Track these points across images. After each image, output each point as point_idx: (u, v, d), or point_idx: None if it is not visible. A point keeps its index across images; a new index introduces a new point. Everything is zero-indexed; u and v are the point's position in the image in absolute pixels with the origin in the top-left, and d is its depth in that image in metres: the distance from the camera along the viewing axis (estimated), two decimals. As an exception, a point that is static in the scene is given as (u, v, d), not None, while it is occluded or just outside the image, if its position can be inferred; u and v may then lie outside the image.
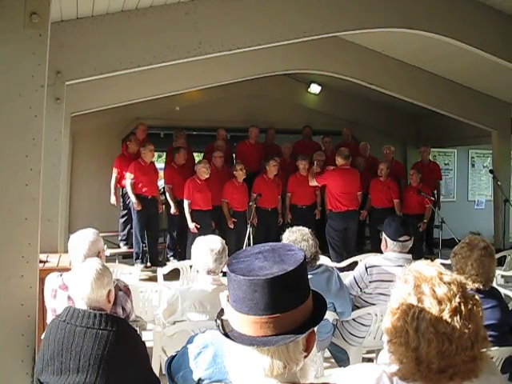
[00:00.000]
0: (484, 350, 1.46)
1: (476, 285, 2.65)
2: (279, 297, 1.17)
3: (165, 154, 10.01)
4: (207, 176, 7.42)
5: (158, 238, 8.13)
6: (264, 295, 1.16)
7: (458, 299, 1.43)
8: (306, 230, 3.43)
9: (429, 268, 1.52)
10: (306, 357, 1.22)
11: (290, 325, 1.18)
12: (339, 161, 7.42)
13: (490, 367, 1.55)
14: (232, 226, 7.64)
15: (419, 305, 1.44)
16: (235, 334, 1.20)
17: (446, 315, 1.41)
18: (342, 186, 7.35)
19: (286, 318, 1.18)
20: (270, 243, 1.32)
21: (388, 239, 3.79)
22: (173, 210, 7.77)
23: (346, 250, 7.32)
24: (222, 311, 1.28)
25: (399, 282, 1.53)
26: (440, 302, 1.42)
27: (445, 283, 1.46)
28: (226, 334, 1.22)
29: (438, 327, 1.40)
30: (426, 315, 1.42)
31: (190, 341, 2.13)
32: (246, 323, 1.19)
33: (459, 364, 1.40)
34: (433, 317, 1.41)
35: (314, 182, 7.64)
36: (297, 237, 3.36)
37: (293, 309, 1.19)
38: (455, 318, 1.41)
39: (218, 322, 1.26)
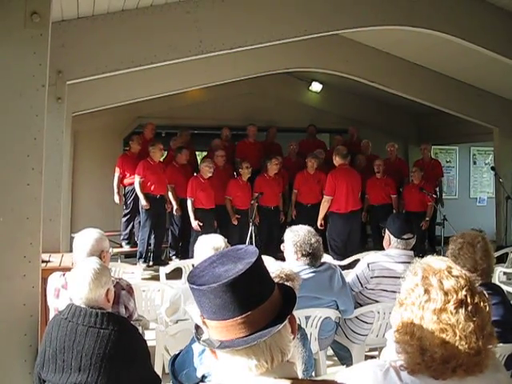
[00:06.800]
0: (490, 346, 1.48)
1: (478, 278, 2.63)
2: (259, 286, 1.17)
3: (167, 153, 9.99)
4: (210, 175, 7.42)
5: (163, 237, 8.09)
6: (246, 290, 1.15)
7: (464, 292, 1.45)
8: (308, 228, 3.42)
9: (438, 261, 1.55)
10: (293, 338, 1.21)
11: (272, 312, 1.17)
12: (337, 160, 7.17)
13: (496, 364, 1.56)
14: (236, 223, 7.61)
15: (426, 295, 1.46)
16: (227, 344, 1.16)
17: (451, 307, 1.43)
18: (343, 186, 7.12)
19: (272, 303, 1.18)
20: (217, 252, 1.29)
21: (392, 236, 3.78)
22: (175, 209, 7.75)
23: (349, 251, 6.79)
24: (200, 332, 1.24)
25: (409, 274, 1.55)
26: (446, 294, 1.45)
27: (453, 276, 1.48)
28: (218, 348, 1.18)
29: (442, 317, 1.43)
30: (431, 305, 1.45)
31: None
32: (234, 327, 1.15)
33: (462, 356, 1.42)
34: (437, 307, 1.44)
35: (326, 199, 7.17)
36: (303, 235, 3.33)
37: (272, 294, 1.19)
38: (460, 310, 1.43)
39: (203, 343, 1.21)
